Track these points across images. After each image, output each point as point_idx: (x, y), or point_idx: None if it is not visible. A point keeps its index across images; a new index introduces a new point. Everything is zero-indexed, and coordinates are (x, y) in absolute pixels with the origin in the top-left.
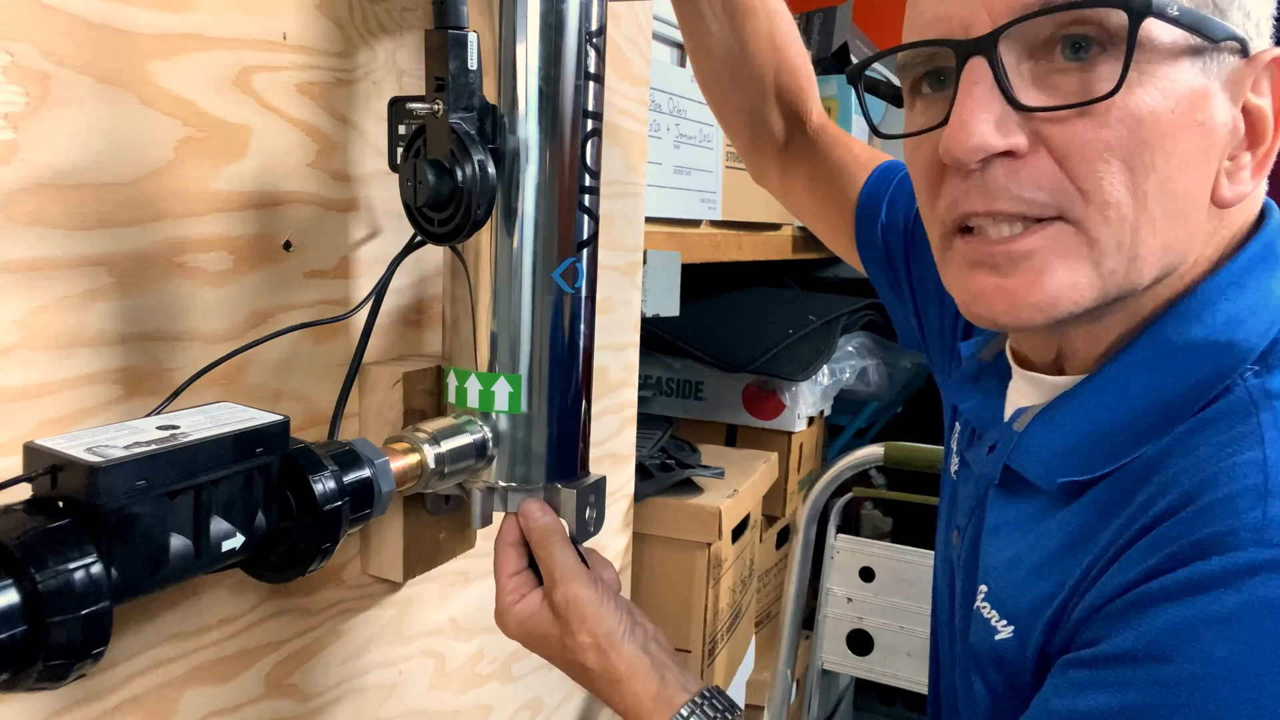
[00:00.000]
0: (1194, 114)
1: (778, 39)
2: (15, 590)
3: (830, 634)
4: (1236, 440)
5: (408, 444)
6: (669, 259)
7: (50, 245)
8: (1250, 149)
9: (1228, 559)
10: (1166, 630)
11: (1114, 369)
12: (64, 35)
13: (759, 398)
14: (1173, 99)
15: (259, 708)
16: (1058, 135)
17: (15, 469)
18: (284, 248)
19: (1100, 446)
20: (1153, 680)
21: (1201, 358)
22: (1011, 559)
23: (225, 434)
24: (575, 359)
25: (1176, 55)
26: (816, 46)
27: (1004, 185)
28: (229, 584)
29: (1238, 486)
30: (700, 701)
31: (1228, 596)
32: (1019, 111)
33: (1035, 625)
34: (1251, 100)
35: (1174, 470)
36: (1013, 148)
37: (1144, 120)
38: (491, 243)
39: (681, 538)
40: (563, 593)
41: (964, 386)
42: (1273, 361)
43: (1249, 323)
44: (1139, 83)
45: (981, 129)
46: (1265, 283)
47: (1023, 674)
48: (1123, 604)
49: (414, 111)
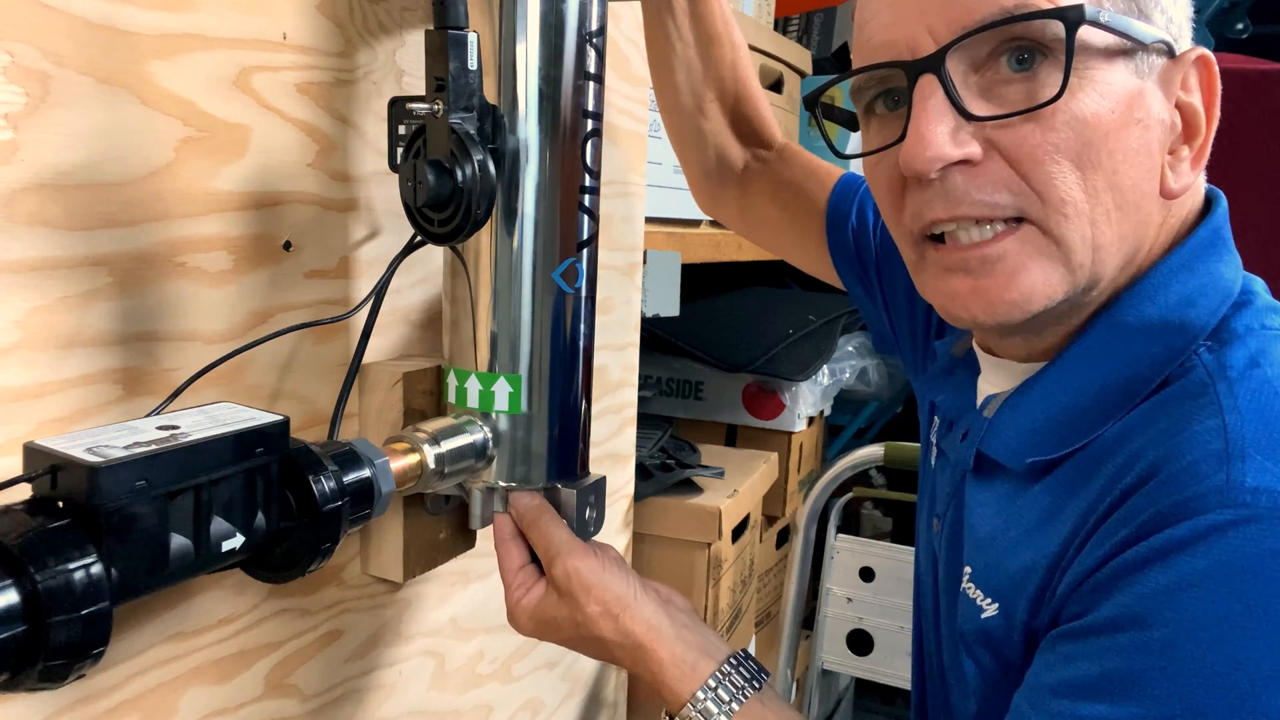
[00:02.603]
0: (1132, 112)
1: (740, 70)
2: (15, 590)
3: (830, 634)
4: (1195, 411)
5: (408, 444)
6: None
7: (50, 245)
8: (1187, 142)
9: (1196, 522)
10: (1144, 597)
11: (1074, 352)
12: (64, 35)
13: (759, 398)
14: (1111, 100)
15: (259, 708)
16: (1008, 141)
17: (15, 469)
18: (284, 248)
19: (1064, 427)
20: (1134, 646)
21: (1157, 337)
22: (989, 538)
23: (225, 434)
24: (575, 359)
25: (1111, 59)
26: (816, 46)
27: (964, 192)
28: (229, 584)
29: (1199, 453)
30: (727, 671)
31: (1199, 558)
32: (971, 121)
33: (1018, 600)
34: (1182, 97)
35: (1138, 444)
36: (968, 156)
37: (1087, 121)
38: (491, 243)
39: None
40: (561, 566)
41: (938, 381)
42: (1224, 337)
43: (1200, 303)
44: (1079, 87)
45: (937, 141)
46: (1213, 265)
47: (1011, 651)
48: (1102, 576)
49: (414, 111)
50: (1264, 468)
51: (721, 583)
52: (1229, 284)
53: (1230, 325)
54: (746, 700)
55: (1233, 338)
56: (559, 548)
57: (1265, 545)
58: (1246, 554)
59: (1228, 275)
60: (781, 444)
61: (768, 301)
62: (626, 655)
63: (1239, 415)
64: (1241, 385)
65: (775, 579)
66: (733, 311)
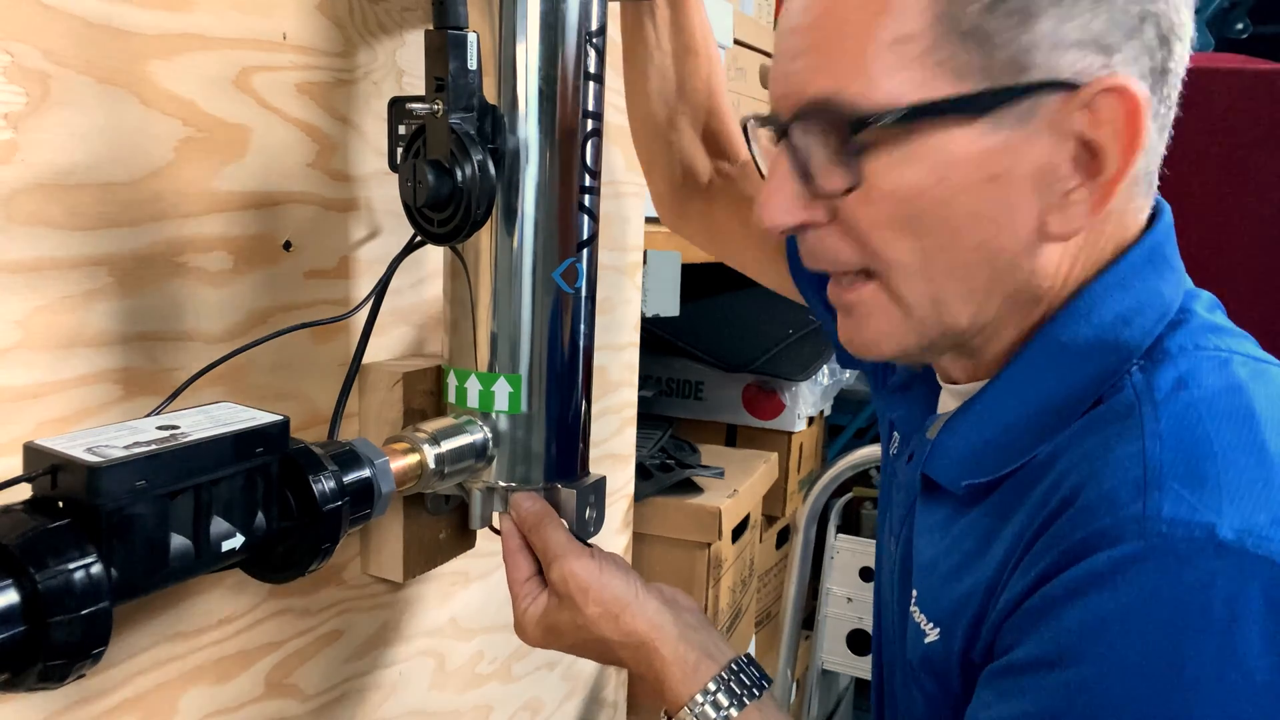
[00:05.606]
0: (981, 171)
1: (714, 84)
2: (15, 590)
3: (830, 634)
4: (1119, 434)
5: (408, 444)
6: (669, 259)
7: (50, 245)
8: (1090, 179)
9: (1114, 553)
10: (1068, 632)
11: (1009, 373)
12: (64, 35)
13: (759, 398)
14: (941, 169)
15: (259, 708)
16: (842, 210)
17: (15, 469)
18: (284, 248)
19: (1000, 449)
20: (1062, 684)
21: (1090, 357)
22: (932, 562)
23: (225, 434)
24: (575, 359)
25: (946, 126)
26: None
27: (815, 250)
28: (229, 584)
29: (1118, 480)
30: (728, 675)
31: (1119, 593)
32: (809, 189)
33: (957, 627)
34: (1086, 133)
35: (1063, 467)
36: (808, 221)
37: (908, 196)
38: (491, 243)
39: (681, 538)
40: (558, 570)
41: (894, 397)
42: (1157, 356)
43: (1135, 321)
44: (902, 162)
45: (775, 208)
46: (1151, 282)
47: (951, 680)
48: (1030, 608)
49: (414, 111)
50: (1180, 497)
51: (721, 583)
52: (1167, 302)
53: (1164, 344)
54: (745, 707)
55: (1165, 357)
56: (555, 552)
57: (1184, 579)
58: (1166, 588)
59: (1166, 293)
60: (781, 444)
61: (768, 301)
62: (630, 655)
63: (1159, 441)
64: (1165, 408)
65: (775, 579)
66: (733, 311)
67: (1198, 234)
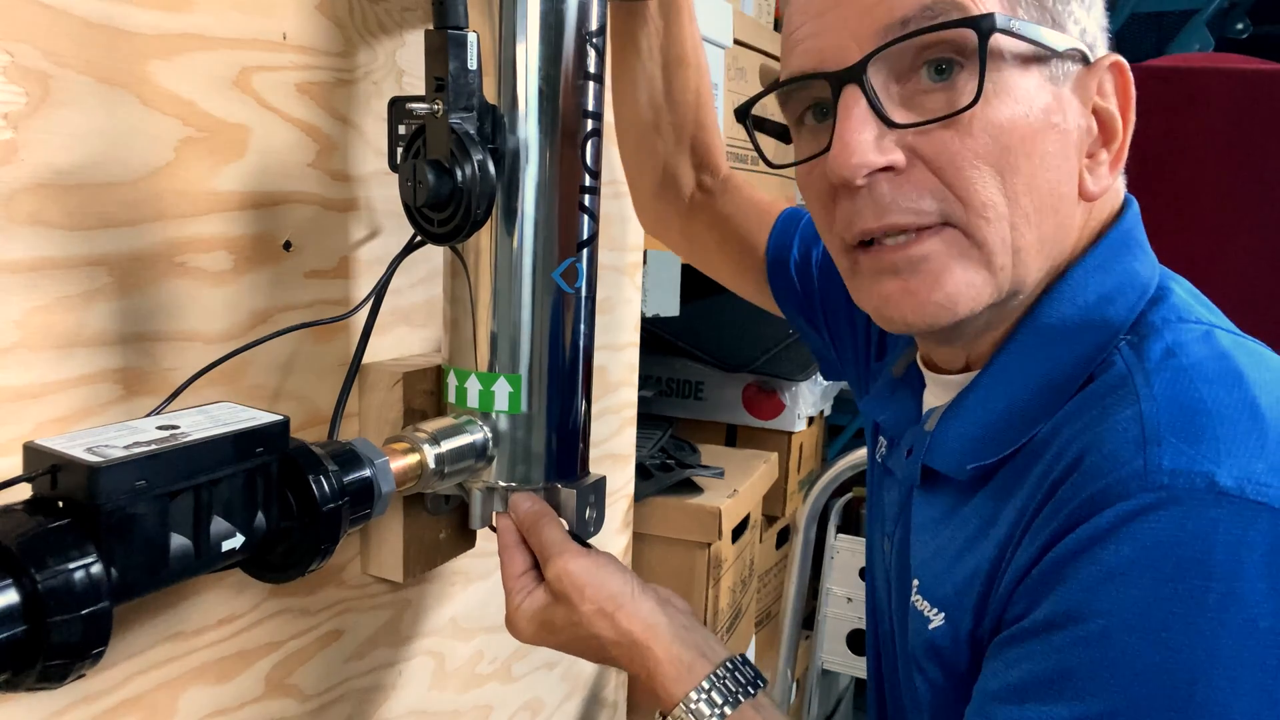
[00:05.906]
0: (1049, 117)
1: (702, 95)
2: (15, 590)
3: (830, 634)
4: (1115, 403)
5: (408, 444)
6: (669, 259)
7: (50, 245)
8: (1105, 146)
9: (1118, 509)
10: (1076, 591)
11: (1003, 358)
12: (64, 35)
13: (759, 398)
14: (1026, 106)
15: (259, 708)
16: (930, 148)
17: (15, 469)
18: (284, 248)
19: (1000, 431)
20: (1070, 642)
21: (1079, 336)
22: (936, 550)
23: (225, 434)
24: (575, 359)
25: (1026, 66)
26: None
27: (891, 199)
28: (229, 584)
29: (1118, 441)
30: (723, 674)
31: (1124, 545)
32: (893, 129)
33: (963, 608)
34: (1099, 103)
35: (1064, 439)
36: (892, 163)
37: (1004, 127)
38: (491, 243)
39: (681, 538)
40: (554, 568)
41: (879, 401)
42: (1143, 330)
43: (1118, 300)
44: (995, 94)
45: (861, 148)
46: (1128, 264)
47: (959, 663)
48: (1038, 574)
49: (414, 111)
50: (1179, 450)
51: (721, 583)
52: (1145, 281)
53: (1148, 319)
54: (739, 705)
55: (1151, 331)
56: (551, 550)
57: (1187, 527)
58: (1169, 538)
59: (1143, 273)
60: (781, 444)
61: None
62: (624, 654)
63: (1154, 403)
64: (1158, 375)
65: (775, 579)
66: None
67: (1198, 234)
